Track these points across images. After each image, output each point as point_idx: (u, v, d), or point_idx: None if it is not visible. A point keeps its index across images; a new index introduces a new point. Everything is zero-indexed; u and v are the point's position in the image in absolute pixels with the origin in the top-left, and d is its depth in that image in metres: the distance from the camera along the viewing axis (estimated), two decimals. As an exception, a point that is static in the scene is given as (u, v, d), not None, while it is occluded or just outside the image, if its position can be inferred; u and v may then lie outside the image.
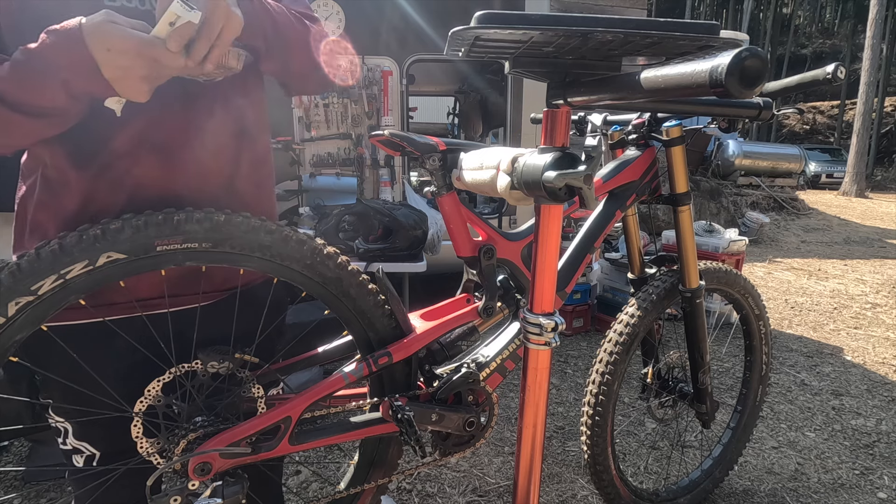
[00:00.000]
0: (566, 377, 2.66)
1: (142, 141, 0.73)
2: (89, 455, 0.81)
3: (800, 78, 1.07)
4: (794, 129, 24.98)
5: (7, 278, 0.65)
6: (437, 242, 2.45)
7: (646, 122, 1.34)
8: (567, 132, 0.77)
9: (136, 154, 0.73)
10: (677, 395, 1.55)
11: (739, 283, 1.56)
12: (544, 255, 0.82)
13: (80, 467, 0.82)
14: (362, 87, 3.29)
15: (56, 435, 0.82)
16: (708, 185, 7.39)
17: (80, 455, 0.82)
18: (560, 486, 1.80)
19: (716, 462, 1.72)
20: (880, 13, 11.80)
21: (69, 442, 0.81)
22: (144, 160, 0.73)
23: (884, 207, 10.70)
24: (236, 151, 0.82)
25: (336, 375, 0.92)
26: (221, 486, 0.81)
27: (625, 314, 1.40)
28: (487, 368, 1.08)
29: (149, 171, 0.74)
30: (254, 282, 0.90)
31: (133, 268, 0.72)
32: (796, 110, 1.36)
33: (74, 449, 0.81)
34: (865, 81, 11.79)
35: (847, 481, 1.85)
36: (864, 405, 2.40)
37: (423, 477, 1.83)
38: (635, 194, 1.32)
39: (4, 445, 1.97)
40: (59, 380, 0.76)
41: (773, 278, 4.94)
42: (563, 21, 0.59)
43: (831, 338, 3.31)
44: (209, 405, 0.83)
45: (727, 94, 0.44)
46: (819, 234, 7.79)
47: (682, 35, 0.61)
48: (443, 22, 3.22)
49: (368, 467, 1.06)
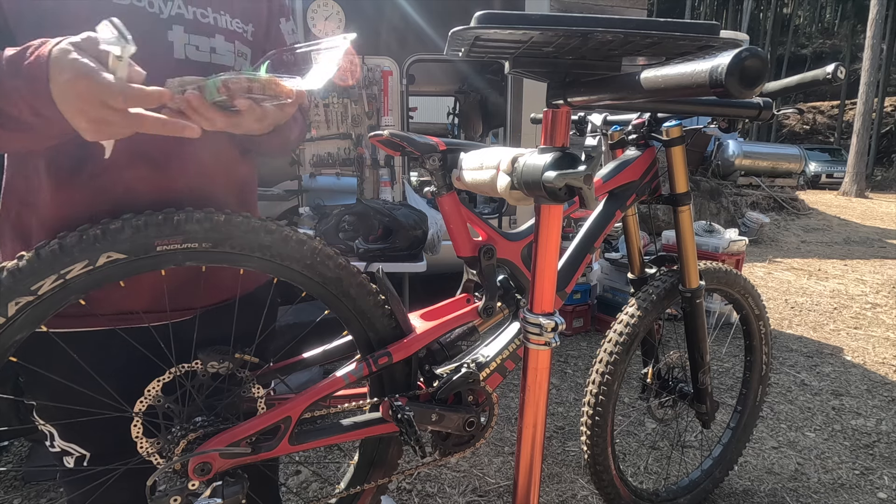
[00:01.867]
0: (566, 377, 2.66)
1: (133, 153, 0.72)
2: (79, 456, 0.81)
3: (800, 78, 1.07)
4: (794, 129, 24.98)
5: (7, 278, 0.65)
6: (437, 242, 2.45)
7: (646, 122, 1.34)
8: (567, 132, 0.77)
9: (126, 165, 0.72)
10: (677, 395, 1.55)
11: (739, 283, 1.56)
12: (544, 255, 0.82)
13: (71, 468, 0.81)
14: (362, 87, 3.29)
15: (44, 438, 0.82)
16: (708, 185, 7.39)
17: (70, 457, 0.81)
18: (560, 486, 1.80)
19: (716, 462, 1.72)
20: (880, 13, 11.80)
21: (56, 444, 0.81)
22: (135, 171, 0.73)
23: (884, 207, 10.70)
24: (226, 169, 0.84)
25: (336, 375, 0.92)
26: (221, 486, 0.81)
27: (625, 314, 1.40)
28: (487, 368, 1.08)
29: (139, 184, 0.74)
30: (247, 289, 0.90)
31: (133, 268, 0.71)
32: (796, 110, 1.36)
33: (63, 451, 0.81)
34: (865, 81, 11.79)
35: (847, 481, 1.85)
36: (864, 405, 2.40)
37: (423, 477, 1.83)
38: (635, 194, 1.32)
39: (4, 445, 1.97)
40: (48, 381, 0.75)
41: (773, 278, 4.94)
42: (563, 21, 0.59)
43: (831, 338, 3.31)
44: (209, 405, 0.83)
45: (727, 94, 0.44)
46: (819, 234, 7.79)
47: (682, 35, 0.61)
48: (443, 22, 3.22)
49: (368, 467, 1.06)
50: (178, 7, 0.74)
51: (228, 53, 0.79)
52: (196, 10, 0.76)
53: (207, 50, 0.77)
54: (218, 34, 0.78)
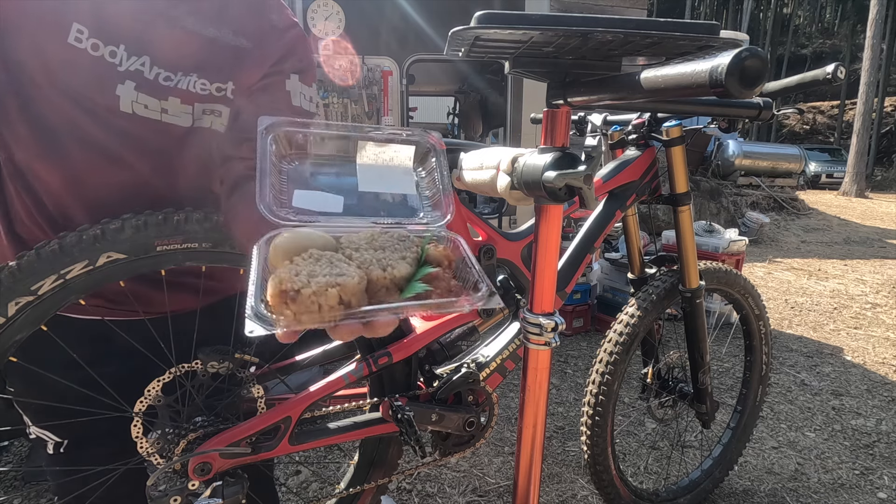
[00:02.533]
0: (566, 377, 2.65)
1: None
2: (56, 443, 0.82)
3: (800, 78, 1.07)
4: (794, 129, 24.98)
5: (7, 278, 0.65)
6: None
7: (646, 122, 1.34)
8: (567, 132, 0.77)
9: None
10: (677, 395, 1.55)
11: (739, 283, 1.56)
12: (544, 255, 0.82)
13: (51, 454, 0.82)
14: (362, 87, 3.29)
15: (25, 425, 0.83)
16: (708, 185, 7.38)
17: (48, 444, 0.82)
18: (560, 486, 1.80)
19: (716, 462, 1.72)
20: (880, 13, 11.80)
21: (32, 430, 0.82)
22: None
23: (884, 207, 10.70)
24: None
25: (336, 375, 0.92)
26: (221, 486, 0.81)
27: (625, 314, 1.40)
28: (487, 368, 1.08)
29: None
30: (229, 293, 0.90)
31: (133, 268, 0.72)
32: (796, 110, 1.36)
33: (39, 438, 0.82)
34: (865, 81, 11.79)
35: (847, 481, 1.85)
36: (864, 405, 2.40)
37: (423, 477, 1.83)
38: (635, 194, 1.32)
39: (4, 445, 1.97)
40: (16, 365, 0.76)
41: (773, 278, 4.94)
42: (563, 21, 0.59)
43: (831, 338, 3.31)
44: (209, 405, 0.83)
45: (727, 94, 0.44)
46: (819, 234, 7.78)
47: (682, 35, 0.61)
48: (443, 22, 3.22)
49: (368, 467, 1.06)
50: (140, 65, 0.71)
51: (184, 115, 0.76)
52: (160, 72, 0.73)
53: (158, 110, 0.74)
54: (174, 96, 0.74)
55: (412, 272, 0.50)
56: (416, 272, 0.50)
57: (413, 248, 0.53)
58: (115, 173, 0.74)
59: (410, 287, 0.48)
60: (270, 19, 0.81)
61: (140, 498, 0.76)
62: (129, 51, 0.70)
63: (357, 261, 0.49)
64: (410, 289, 0.48)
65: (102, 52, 0.69)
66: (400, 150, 0.63)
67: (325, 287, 0.43)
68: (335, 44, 3.05)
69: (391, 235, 0.54)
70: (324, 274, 0.45)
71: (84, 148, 0.71)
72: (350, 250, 0.51)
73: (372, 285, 0.48)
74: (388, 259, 0.50)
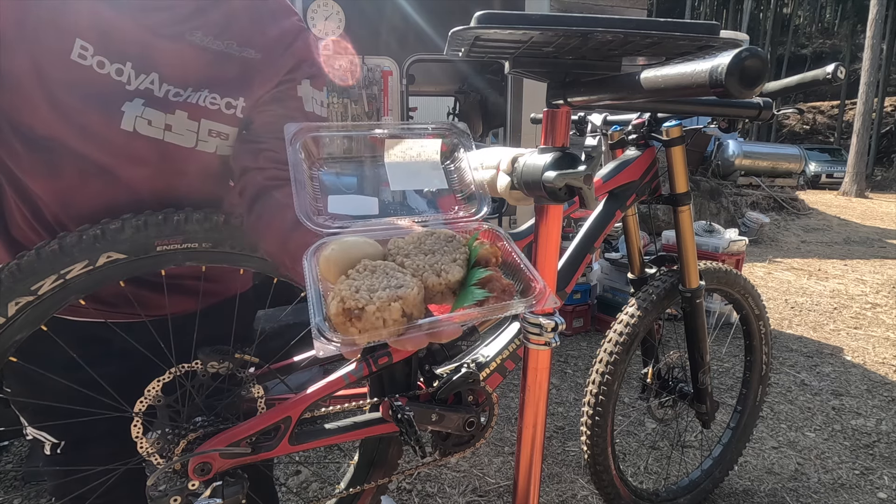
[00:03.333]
0: (566, 377, 2.65)
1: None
2: (53, 444, 0.81)
3: (800, 78, 1.07)
4: (794, 129, 24.98)
5: (7, 278, 0.65)
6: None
7: (646, 122, 1.34)
8: (567, 132, 0.77)
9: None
10: (677, 395, 1.55)
11: (739, 283, 1.56)
12: (544, 255, 0.82)
13: (48, 455, 0.82)
14: (362, 87, 3.29)
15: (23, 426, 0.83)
16: (708, 185, 7.38)
17: (45, 445, 0.82)
18: (560, 486, 1.80)
19: (716, 462, 1.72)
20: (880, 13, 11.80)
21: (29, 431, 0.82)
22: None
23: (884, 207, 10.69)
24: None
25: (336, 375, 0.92)
26: (221, 486, 0.81)
27: (625, 314, 1.40)
28: (487, 368, 1.07)
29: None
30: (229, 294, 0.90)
31: (133, 268, 0.72)
32: (796, 110, 1.36)
33: (35, 438, 0.82)
34: (865, 81, 11.79)
35: (847, 481, 1.85)
36: (864, 405, 2.40)
37: (423, 477, 1.83)
38: (635, 194, 1.32)
39: (4, 445, 1.97)
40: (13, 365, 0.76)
41: (773, 278, 4.94)
42: (563, 21, 0.59)
43: (831, 338, 3.31)
44: (209, 405, 0.83)
45: (727, 94, 0.44)
46: (819, 234, 7.78)
47: (682, 35, 0.61)
48: (443, 22, 3.22)
49: (368, 467, 1.06)
50: (150, 83, 0.70)
51: (188, 133, 0.74)
52: (170, 89, 0.72)
53: (161, 127, 0.72)
54: (181, 110, 0.72)
55: (465, 274, 0.50)
56: (470, 275, 0.50)
57: (462, 249, 0.52)
58: (106, 190, 0.73)
59: (468, 293, 0.48)
60: (278, 28, 0.79)
61: (140, 498, 0.76)
62: (137, 69, 0.69)
63: (410, 268, 0.49)
64: (468, 295, 0.48)
65: (108, 69, 0.68)
66: (426, 144, 0.63)
67: (387, 302, 0.44)
68: (335, 44, 3.05)
69: (437, 237, 0.54)
70: (383, 287, 0.45)
71: (76, 164, 0.70)
72: (401, 257, 0.51)
73: (428, 292, 0.48)
74: (441, 263, 0.50)
